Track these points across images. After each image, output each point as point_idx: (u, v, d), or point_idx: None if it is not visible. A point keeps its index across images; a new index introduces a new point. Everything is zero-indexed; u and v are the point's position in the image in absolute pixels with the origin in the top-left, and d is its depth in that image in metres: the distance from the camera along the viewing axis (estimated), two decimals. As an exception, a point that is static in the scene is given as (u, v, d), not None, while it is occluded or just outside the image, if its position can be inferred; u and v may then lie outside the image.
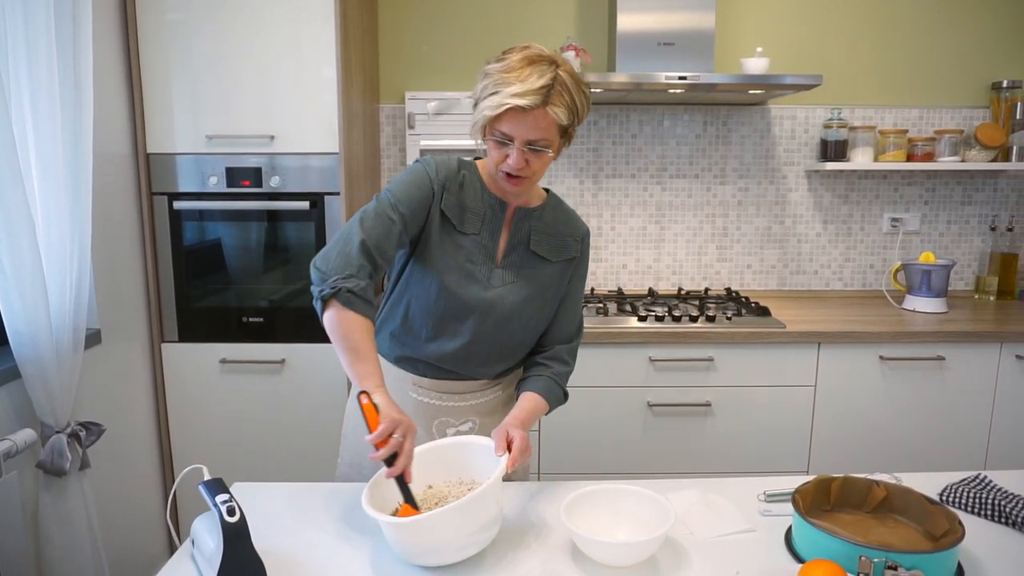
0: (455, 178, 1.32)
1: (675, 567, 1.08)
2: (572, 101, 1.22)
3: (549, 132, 1.22)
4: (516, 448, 1.16)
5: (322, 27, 2.16)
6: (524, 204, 1.37)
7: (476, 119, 1.25)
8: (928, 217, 2.83)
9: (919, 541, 1.11)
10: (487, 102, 1.20)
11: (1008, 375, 2.28)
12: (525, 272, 1.36)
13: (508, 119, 1.20)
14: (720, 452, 2.31)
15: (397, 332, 1.37)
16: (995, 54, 2.73)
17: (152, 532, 2.32)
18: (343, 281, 1.19)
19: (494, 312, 1.32)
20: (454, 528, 1.04)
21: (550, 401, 1.36)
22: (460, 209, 1.32)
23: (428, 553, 1.06)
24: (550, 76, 1.18)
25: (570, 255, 1.40)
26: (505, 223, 1.36)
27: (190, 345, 2.31)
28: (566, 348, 1.43)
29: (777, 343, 2.24)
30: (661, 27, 2.41)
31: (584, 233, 1.43)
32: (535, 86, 1.17)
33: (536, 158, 1.24)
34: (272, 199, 2.25)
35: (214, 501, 1.03)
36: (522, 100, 1.17)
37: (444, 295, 1.30)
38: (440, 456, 1.23)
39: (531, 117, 1.19)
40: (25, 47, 1.57)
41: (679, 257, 2.84)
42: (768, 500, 1.28)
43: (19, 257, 1.51)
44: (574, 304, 1.44)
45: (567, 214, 1.42)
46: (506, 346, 1.37)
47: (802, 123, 2.76)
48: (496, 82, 1.19)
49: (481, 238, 1.33)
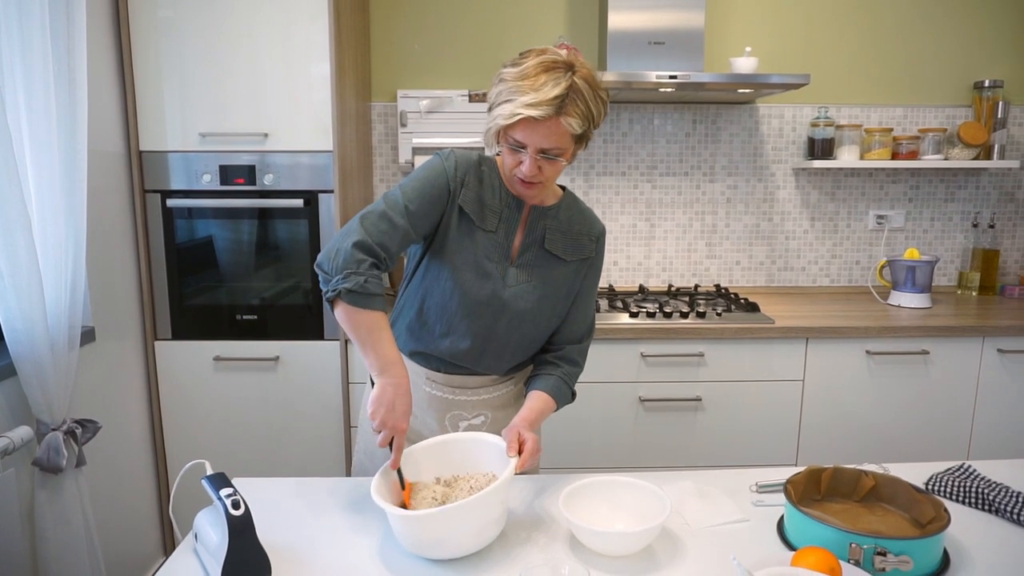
0: (475, 173, 1.32)
1: (671, 556, 1.11)
2: (587, 109, 1.20)
3: (562, 141, 1.21)
4: (527, 451, 1.18)
5: (315, 25, 2.16)
6: (540, 203, 1.37)
7: (490, 125, 1.24)
8: (912, 214, 2.88)
9: (907, 528, 1.14)
10: (501, 110, 1.20)
11: (990, 368, 2.33)
12: (539, 272, 1.36)
13: (521, 128, 1.19)
14: (711, 446, 2.34)
15: (412, 326, 1.38)
16: (977, 54, 2.79)
17: (146, 529, 2.32)
18: (343, 281, 1.19)
19: (508, 311, 1.33)
20: (461, 524, 1.07)
21: (558, 401, 1.37)
22: (479, 204, 1.31)
23: (434, 546, 1.09)
24: (565, 85, 1.17)
25: (585, 255, 1.40)
26: (521, 222, 1.36)
27: (184, 343, 2.31)
28: (576, 348, 1.43)
29: (766, 338, 2.28)
30: (651, 26, 2.43)
31: (600, 232, 1.42)
32: (549, 96, 1.15)
33: (549, 165, 1.24)
34: (265, 197, 2.25)
35: (218, 495, 1.04)
36: (535, 111, 1.16)
37: (459, 292, 1.31)
38: (450, 450, 1.25)
39: (544, 127, 1.18)
40: (20, 45, 1.57)
41: (669, 254, 2.88)
42: (760, 491, 1.31)
43: (15, 255, 1.51)
44: (586, 303, 1.44)
45: (583, 213, 1.42)
46: (519, 344, 1.38)
47: (790, 122, 2.80)
48: (511, 89, 1.18)
49: (497, 236, 1.33)
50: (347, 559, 1.11)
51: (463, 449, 1.26)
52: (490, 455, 1.22)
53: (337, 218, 2.26)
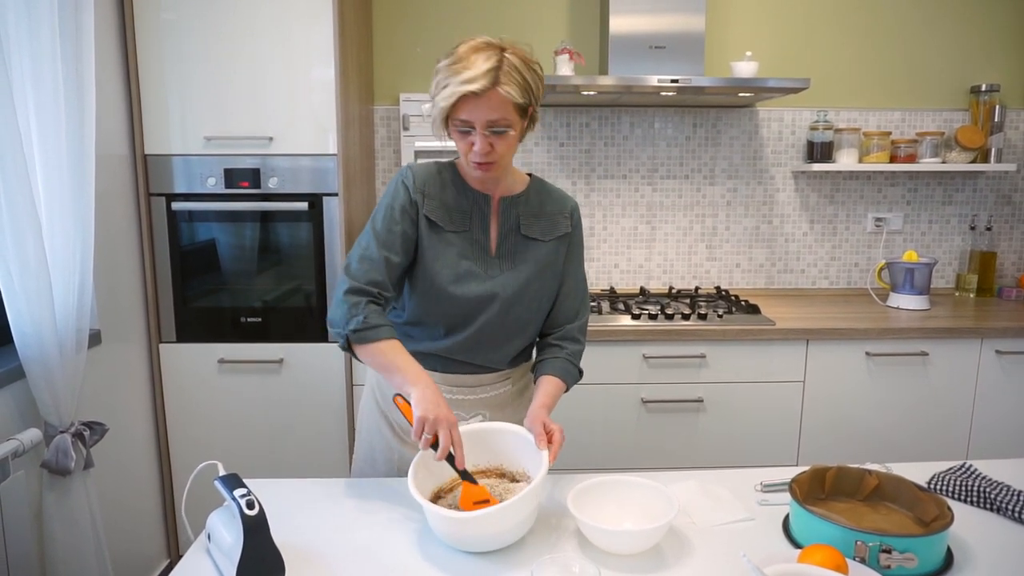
0: (435, 181, 1.36)
1: (679, 554, 1.13)
2: (523, 80, 1.24)
3: (506, 111, 1.24)
4: (556, 442, 1.22)
5: (318, 28, 2.18)
6: (507, 192, 1.40)
7: (434, 114, 1.28)
8: (911, 217, 2.90)
9: (911, 526, 1.16)
10: (441, 95, 1.24)
11: (988, 369, 2.35)
12: (520, 257, 1.39)
13: (463, 106, 1.23)
14: (713, 447, 2.36)
15: (407, 330, 1.41)
16: (974, 59, 2.81)
17: (151, 531, 2.33)
18: (346, 327, 1.26)
19: (496, 301, 1.36)
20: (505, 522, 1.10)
21: (567, 381, 1.40)
22: (445, 210, 1.36)
23: (470, 542, 1.12)
24: (496, 59, 1.22)
25: (561, 232, 1.43)
26: (492, 214, 1.39)
27: (188, 345, 2.32)
28: (576, 326, 1.46)
29: (766, 340, 2.29)
30: (652, 30, 2.46)
31: (572, 208, 1.46)
32: (482, 69, 1.20)
33: (500, 140, 1.27)
34: (269, 200, 2.26)
35: (232, 495, 1.05)
36: (472, 86, 1.20)
37: (444, 295, 1.34)
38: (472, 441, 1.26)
39: (484, 100, 1.22)
40: (30, 49, 1.58)
41: (670, 256, 2.90)
42: (765, 490, 1.33)
43: (25, 258, 1.52)
44: (576, 280, 1.47)
45: (552, 193, 1.46)
46: (513, 330, 1.41)
47: (789, 125, 2.82)
48: (446, 75, 1.23)
49: (472, 233, 1.37)
50: (361, 557, 1.12)
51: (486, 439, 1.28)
52: (514, 446, 1.26)
53: (340, 221, 2.27)
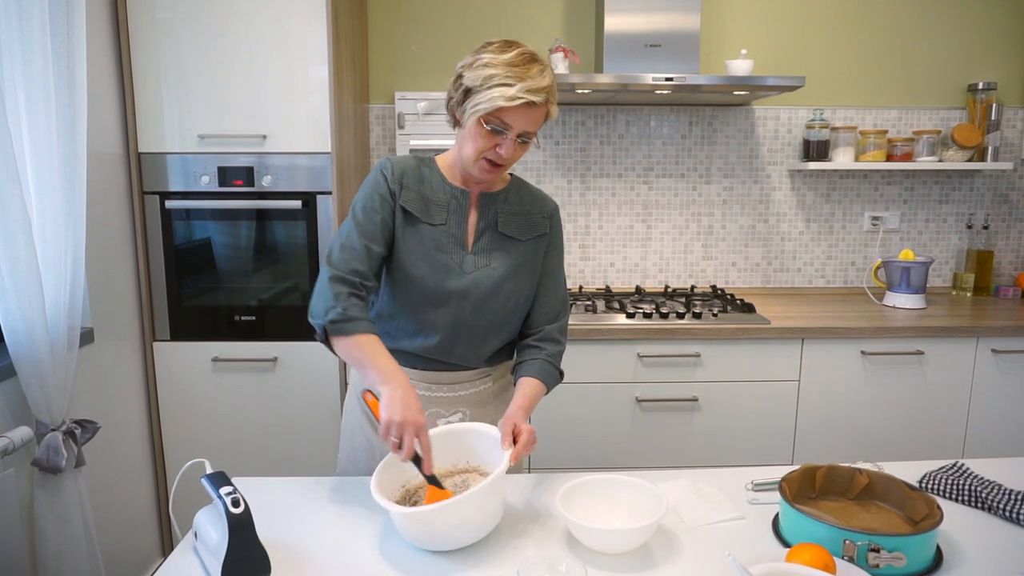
0: (414, 173, 1.37)
1: (667, 553, 1.12)
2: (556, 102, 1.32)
3: (538, 127, 1.30)
4: (521, 443, 1.20)
5: (313, 27, 2.17)
6: (487, 189, 1.41)
7: (480, 106, 1.25)
8: (907, 215, 2.90)
9: (900, 525, 1.15)
10: (497, 91, 1.23)
11: (984, 368, 2.35)
12: (498, 255, 1.39)
13: (516, 111, 1.25)
14: (707, 446, 2.35)
15: (384, 326, 1.41)
16: (971, 57, 2.81)
17: (144, 529, 2.33)
18: (323, 319, 1.25)
19: (471, 296, 1.36)
20: (459, 518, 1.08)
21: (547, 383, 1.39)
22: (422, 201, 1.36)
23: (433, 540, 1.10)
24: (551, 77, 1.27)
25: (539, 232, 1.44)
26: (471, 210, 1.40)
27: (182, 344, 2.31)
28: (556, 327, 1.45)
29: (762, 339, 2.29)
30: (648, 28, 2.45)
31: (552, 209, 1.47)
32: (543, 84, 1.24)
33: (521, 148, 1.31)
34: (264, 198, 2.26)
35: (218, 493, 1.05)
36: (536, 96, 1.23)
37: (419, 287, 1.34)
38: (444, 442, 1.26)
39: (534, 112, 1.26)
40: (20, 46, 1.58)
41: (665, 255, 2.89)
42: (755, 489, 1.32)
43: (16, 256, 1.52)
44: (554, 282, 1.47)
45: (532, 193, 1.46)
46: (489, 329, 1.40)
47: (785, 124, 2.82)
48: (506, 75, 1.23)
49: (449, 227, 1.37)
50: (346, 556, 1.12)
51: (458, 440, 1.27)
52: (485, 446, 1.24)
53: (335, 220, 2.27)
